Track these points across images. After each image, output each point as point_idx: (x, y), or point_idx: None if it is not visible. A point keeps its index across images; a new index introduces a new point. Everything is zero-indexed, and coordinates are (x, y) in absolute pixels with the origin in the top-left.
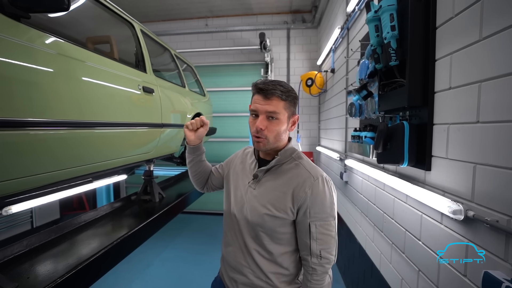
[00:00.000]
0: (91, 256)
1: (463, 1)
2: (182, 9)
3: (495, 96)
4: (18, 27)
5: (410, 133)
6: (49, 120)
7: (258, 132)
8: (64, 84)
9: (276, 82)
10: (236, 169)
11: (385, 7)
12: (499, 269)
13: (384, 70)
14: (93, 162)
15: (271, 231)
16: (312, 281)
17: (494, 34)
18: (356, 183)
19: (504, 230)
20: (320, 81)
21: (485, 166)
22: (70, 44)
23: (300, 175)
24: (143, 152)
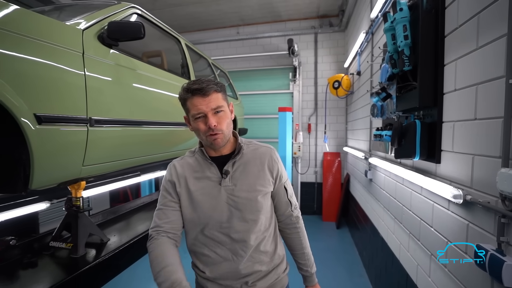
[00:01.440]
0: None
1: (465, 13)
2: (215, 19)
3: (487, 96)
4: (109, 52)
5: (421, 130)
6: (134, 119)
7: (213, 129)
8: (143, 93)
9: (203, 79)
10: (193, 185)
11: (398, 19)
12: (489, 242)
13: (400, 74)
14: (155, 154)
15: (266, 208)
16: (300, 226)
17: (487, 44)
18: (379, 180)
19: (493, 209)
20: (346, 83)
21: (480, 156)
22: (141, 62)
23: (263, 152)
24: (186, 148)
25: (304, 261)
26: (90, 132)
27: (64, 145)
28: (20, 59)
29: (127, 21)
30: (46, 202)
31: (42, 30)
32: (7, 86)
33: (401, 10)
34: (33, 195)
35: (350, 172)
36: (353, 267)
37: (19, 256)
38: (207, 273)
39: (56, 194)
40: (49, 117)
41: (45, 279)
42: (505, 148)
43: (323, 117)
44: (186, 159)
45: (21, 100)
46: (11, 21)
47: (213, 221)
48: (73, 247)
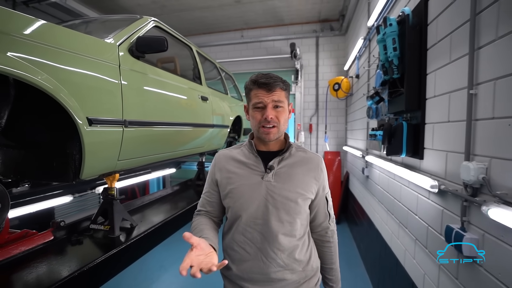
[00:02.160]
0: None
1: (442, 31)
2: (220, 23)
3: (456, 103)
4: (137, 62)
5: (408, 131)
6: (158, 121)
7: (269, 121)
8: (164, 98)
9: (271, 74)
10: (234, 173)
11: (388, 33)
12: (457, 223)
13: (391, 81)
14: (173, 151)
15: (304, 214)
16: (334, 241)
17: (456, 59)
18: (374, 176)
19: (459, 195)
20: (346, 86)
21: (452, 153)
22: (162, 70)
23: (311, 158)
24: (199, 146)
25: (331, 277)
26: (124, 132)
27: (106, 143)
28: (76, 73)
29: (153, 36)
30: (69, 195)
31: (92, 48)
32: (71, 97)
33: (390, 25)
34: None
35: (350, 170)
36: (351, 259)
37: (65, 235)
38: (234, 270)
39: (78, 189)
40: (97, 120)
41: (91, 254)
42: (466, 145)
43: (324, 118)
44: (232, 151)
45: (78, 106)
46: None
47: (248, 214)
48: (110, 229)
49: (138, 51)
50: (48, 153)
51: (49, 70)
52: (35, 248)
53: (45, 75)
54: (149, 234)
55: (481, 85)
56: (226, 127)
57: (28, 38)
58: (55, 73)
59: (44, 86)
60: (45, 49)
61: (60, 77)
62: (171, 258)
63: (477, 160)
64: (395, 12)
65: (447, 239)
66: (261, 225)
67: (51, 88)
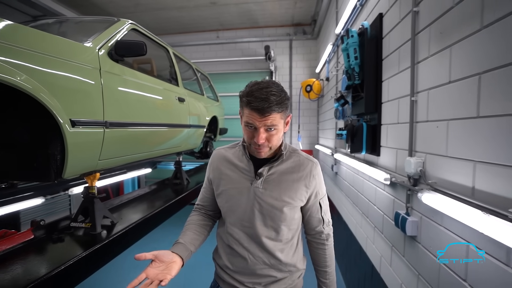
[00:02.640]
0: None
1: (393, 45)
2: (196, 23)
3: (403, 107)
4: (116, 65)
5: (367, 131)
6: (136, 122)
7: (259, 145)
8: (142, 99)
9: (268, 92)
10: (226, 176)
11: (350, 44)
12: (403, 209)
13: (354, 86)
14: (151, 151)
15: (290, 220)
16: (329, 244)
17: (403, 70)
18: (342, 172)
19: (405, 186)
20: (317, 88)
21: (400, 150)
22: (140, 73)
23: (303, 164)
24: (176, 146)
25: (325, 280)
26: (106, 132)
27: (88, 143)
28: (59, 76)
29: (132, 40)
30: (41, 197)
31: (73, 52)
32: (54, 99)
33: (352, 37)
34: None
35: (321, 167)
36: None
37: (45, 234)
38: (224, 261)
39: (50, 190)
40: (79, 121)
41: (74, 250)
42: (409, 143)
43: (297, 118)
44: (227, 151)
45: (62, 109)
46: (57, 49)
47: (236, 216)
48: (92, 226)
49: (117, 54)
50: (29, 153)
51: (34, 74)
52: (15, 247)
53: (32, 80)
54: (130, 230)
55: (420, 93)
56: (202, 127)
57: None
58: (40, 77)
59: (31, 90)
60: (31, 55)
61: (45, 81)
62: None
63: (417, 155)
64: (358, 23)
65: (396, 223)
66: (247, 227)
67: (39, 93)
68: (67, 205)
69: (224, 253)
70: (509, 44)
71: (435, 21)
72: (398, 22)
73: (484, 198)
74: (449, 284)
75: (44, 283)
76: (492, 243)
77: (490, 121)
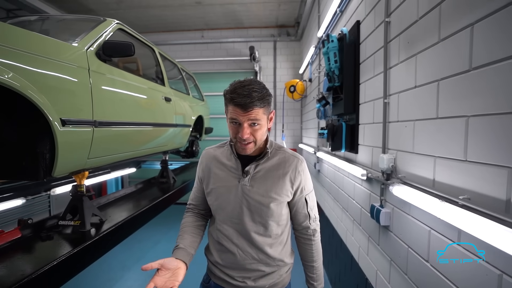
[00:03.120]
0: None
1: (369, 51)
2: (181, 22)
3: (377, 108)
4: (104, 66)
5: (346, 130)
6: (123, 121)
7: (244, 140)
8: (130, 99)
9: (250, 89)
10: (215, 174)
11: (331, 48)
12: (378, 202)
13: (334, 87)
14: (139, 150)
15: (278, 216)
16: (316, 239)
17: (377, 75)
18: (324, 170)
19: (379, 181)
20: (301, 88)
21: (375, 147)
22: (128, 73)
23: (289, 160)
24: (162, 145)
25: (312, 275)
26: (95, 131)
27: (77, 143)
28: (50, 76)
29: (120, 41)
30: (21, 198)
31: (62, 52)
32: (45, 98)
33: (332, 41)
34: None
35: None
36: None
37: (32, 233)
38: (215, 257)
39: (31, 191)
40: (70, 120)
41: (64, 247)
42: (383, 141)
43: (281, 117)
44: (216, 150)
45: (53, 108)
46: (46, 49)
47: (225, 213)
48: (81, 224)
49: (105, 54)
50: (18, 152)
51: (26, 74)
52: (3, 245)
53: (24, 81)
54: (120, 227)
55: (391, 96)
56: (188, 126)
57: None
58: (31, 77)
59: (23, 90)
60: (22, 56)
61: (36, 81)
62: (133, 257)
63: (389, 152)
64: (338, 28)
65: (371, 215)
66: (236, 224)
67: (31, 93)
68: (46, 206)
69: (214, 250)
70: (460, 55)
71: (403, 32)
72: (373, 30)
73: (442, 188)
74: (416, 266)
75: (37, 279)
76: (446, 227)
77: (446, 122)
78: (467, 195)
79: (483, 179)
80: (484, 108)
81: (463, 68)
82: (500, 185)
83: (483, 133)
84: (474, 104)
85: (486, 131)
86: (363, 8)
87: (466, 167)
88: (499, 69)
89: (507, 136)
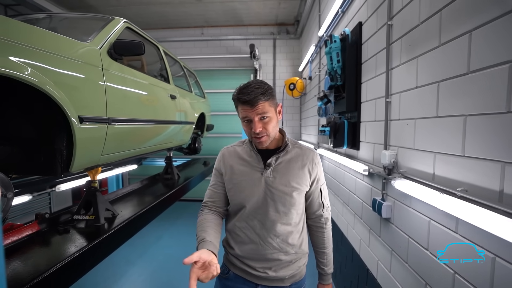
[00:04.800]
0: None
1: (371, 51)
2: (181, 19)
3: (379, 107)
4: (116, 64)
5: (348, 127)
6: (134, 118)
7: (258, 134)
8: (140, 96)
9: (253, 87)
10: (238, 170)
11: (333, 48)
12: (379, 196)
13: (336, 86)
14: (148, 146)
15: (298, 205)
16: (327, 227)
17: (379, 75)
18: (324, 166)
19: (381, 176)
20: (300, 86)
21: (377, 144)
22: (137, 71)
23: (306, 153)
24: (168, 142)
25: (323, 260)
26: (108, 128)
27: (93, 139)
28: (69, 75)
29: (131, 40)
30: (27, 194)
31: (79, 52)
32: (64, 96)
33: (335, 42)
34: None
35: None
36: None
37: (48, 227)
38: (236, 250)
39: (37, 187)
40: (87, 118)
41: (81, 240)
42: (385, 138)
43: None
44: (235, 148)
45: (71, 106)
46: (65, 49)
47: (250, 205)
48: (95, 218)
49: (116, 53)
50: (35, 148)
51: (47, 73)
52: (24, 238)
53: (46, 79)
54: (131, 222)
55: (393, 95)
56: (191, 123)
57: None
58: (52, 75)
59: (47, 89)
60: (42, 55)
61: (57, 80)
62: (136, 252)
63: (391, 149)
64: (340, 27)
65: (373, 208)
66: (261, 214)
67: (52, 91)
68: (47, 203)
69: (235, 243)
70: (459, 59)
71: (405, 35)
72: (375, 32)
73: (441, 182)
74: (416, 254)
75: (60, 271)
76: (445, 216)
77: (446, 120)
78: (465, 187)
79: (479, 172)
80: (481, 108)
81: (462, 71)
82: (493, 178)
83: (479, 130)
84: (471, 104)
85: (482, 129)
86: (365, 10)
87: (464, 161)
88: (493, 73)
89: (499, 133)
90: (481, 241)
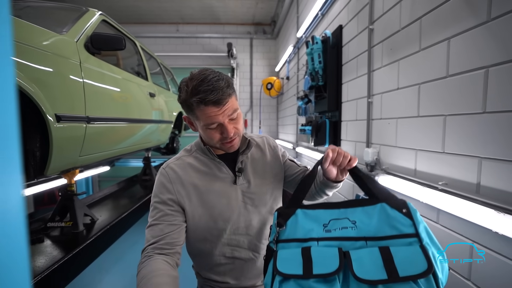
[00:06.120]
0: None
1: (351, 54)
2: (155, 15)
3: (361, 107)
4: (93, 59)
5: (329, 126)
6: (114, 117)
7: (231, 137)
8: (118, 94)
9: (213, 81)
10: (204, 187)
11: (315, 49)
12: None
13: (317, 86)
14: (127, 146)
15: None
16: None
17: (361, 76)
18: (305, 164)
19: (365, 173)
20: (278, 86)
21: (359, 142)
22: (115, 67)
23: (263, 142)
24: (147, 141)
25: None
26: (87, 128)
27: (71, 139)
28: (44, 71)
29: (110, 34)
30: None
31: (54, 44)
32: (40, 93)
33: (317, 43)
34: None
35: None
36: None
37: None
38: (230, 282)
39: None
40: (64, 116)
41: (57, 250)
42: (367, 137)
43: (258, 114)
44: (184, 160)
45: (47, 103)
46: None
47: (231, 224)
48: (73, 225)
49: (94, 47)
50: None
51: (22, 68)
52: None
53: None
54: (112, 227)
55: (374, 96)
56: (170, 122)
57: None
58: (27, 70)
59: (22, 85)
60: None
61: (31, 75)
62: (110, 259)
63: (373, 147)
64: (320, 29)
65: None
66: (245, 227)
67: (28, 88)
68: None
69: (224, 275)
70: (439, 63)
71: (386, 39)
72: (356, 35)
73: (423, 176)
74: None
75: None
76: (427, 208)
77: (427, 119)
78: (445, 181)
79: (458, 167)
80: (459, 109)
81: (442, 75)
82: (471, 171)
83: (457, 129)
84: (450, 105)
85: (460, 128)
86: (345, 13)
87: (444, 157)
88: (471, 77)
89: (476, 131)
90: (459, 229)
